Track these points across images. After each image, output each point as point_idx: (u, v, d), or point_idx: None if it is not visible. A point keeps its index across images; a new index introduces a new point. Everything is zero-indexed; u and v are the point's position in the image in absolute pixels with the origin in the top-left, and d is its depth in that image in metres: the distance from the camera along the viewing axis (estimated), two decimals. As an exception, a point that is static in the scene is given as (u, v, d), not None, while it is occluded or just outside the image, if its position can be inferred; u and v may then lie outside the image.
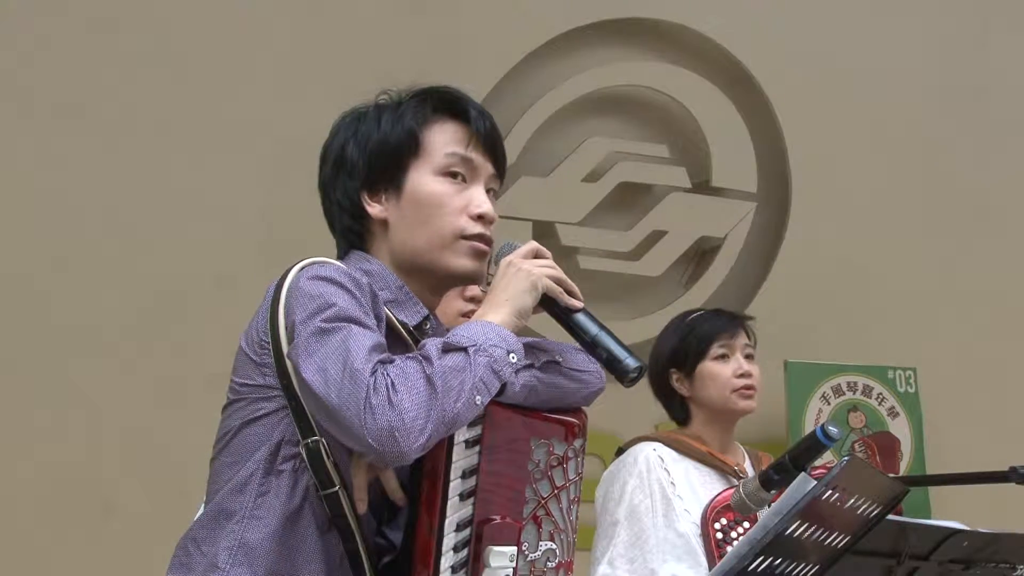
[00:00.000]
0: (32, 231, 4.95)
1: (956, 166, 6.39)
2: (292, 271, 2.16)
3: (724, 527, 3.54)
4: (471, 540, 2.09)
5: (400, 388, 1.94)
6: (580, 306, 2.27)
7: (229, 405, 2.22)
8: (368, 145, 2.32)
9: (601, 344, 2.24)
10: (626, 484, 3.65)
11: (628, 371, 2.21)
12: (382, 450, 1.93)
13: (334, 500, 2.07)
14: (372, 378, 1.94)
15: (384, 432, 1.91)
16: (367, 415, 1.92)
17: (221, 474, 2.17)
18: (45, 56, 5.00)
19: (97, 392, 4.88)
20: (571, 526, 2.30)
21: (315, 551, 2.10)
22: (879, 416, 6.00)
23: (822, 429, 3.13)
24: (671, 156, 6.02)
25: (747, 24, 6.14)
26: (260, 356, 2.15)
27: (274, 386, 2.12)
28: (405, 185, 2.29)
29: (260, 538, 2.08)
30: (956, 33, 6.51)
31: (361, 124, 2.35)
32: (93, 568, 4.68)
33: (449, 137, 2.32)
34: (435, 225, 2.27)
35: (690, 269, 6.10)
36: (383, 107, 2.36)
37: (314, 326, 2.03)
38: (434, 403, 1.95)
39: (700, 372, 3.77)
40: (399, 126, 2.31)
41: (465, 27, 5.60)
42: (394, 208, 2.29)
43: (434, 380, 1.97)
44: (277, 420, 2.12)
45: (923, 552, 2.59)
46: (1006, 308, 6.29)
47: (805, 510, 2.20)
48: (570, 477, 2.28)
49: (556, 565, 2.25)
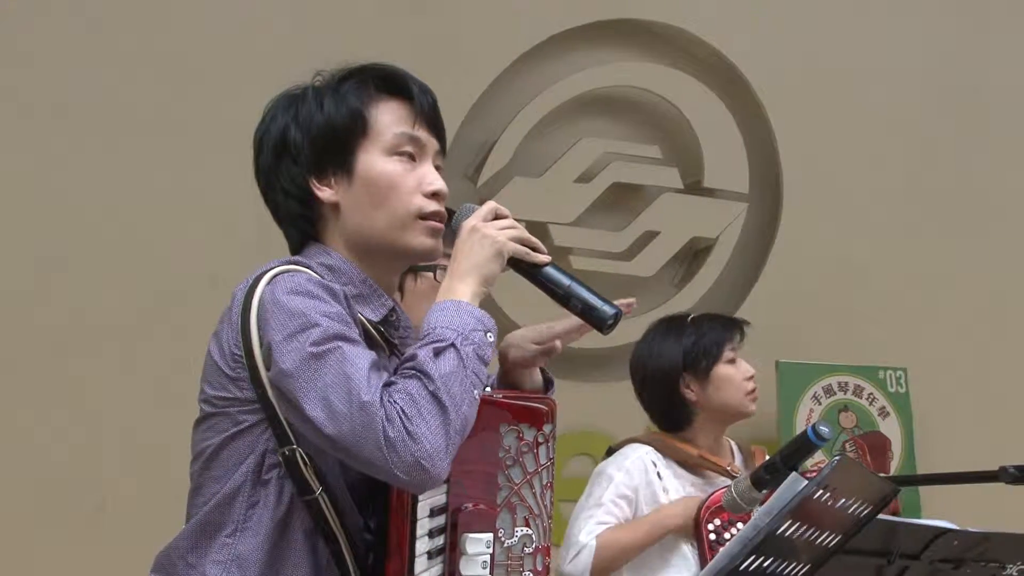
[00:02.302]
0: (30, 231, 4.92)
1: (948, 167, 6.41)
2: (261, 282, 2.11)
3: (718, 528, 3.56)
4: (446, 527, 2.09)
5: (413, 416, 1.94)
6: (547, 260, 2.23)
7: (207, 419, 2.18)
8: (312, 128, 2.26)
9: (575, 295, 2.21)
10: (614, 478, 3.70)
11: (606, 319, 2.18)
12: (412, 481, 1.95)
13: (315, 506, 2.07)
14: (382, 410, 1.94)
15: (412, 465, 1.92)
16: (389, 452, 1.92)
17: (206, 488, 2.16)
18: (44, 56, 4.99)
19: (94, 392, 4.87)
20: (546, 511, 2.29)
21: (302, 555, 2.09)
22: (870, 416, 6.03)
23: (813, 429, 3.15)
24: (663, 157, 6.02)
25: (739, 25, 6.15)
26: (234, 370, 2.12)
27: (252, 399, 2.09)
28: (356, 167, 2.24)
29: (251, 548, 2.08)
30: (949, 33, 6.53)
31: (301, 107, 2.29)
32: (88, 568, 4.65)
33: (395, 116, 2.28)
34: (391, 206, 2.23)
35: (682, 269, 6.11)
36: (322, 88, 2.31)
37: (304, 352, 2.00)
38: (447, 421, 1.96)
39: (715, 376, 3.79)
40: (343, 107, 2.26)
41: (458, 28, 5.58)
42: (345, 191, 2.25)
43: (440, 397, 1.97)
44: (261, 431, 2.10)
45: (913, 551, 2.60)
46: (996, 309, 6.32)
47: (796, 510, 2.21)
48: (542, 463, 2.28)
49: (533, 550, 2.24)
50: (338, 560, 2.08)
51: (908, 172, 6.35)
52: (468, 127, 5.60)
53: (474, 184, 5.70)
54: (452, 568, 2.09)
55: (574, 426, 5.21)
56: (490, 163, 5.71)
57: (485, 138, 5.74)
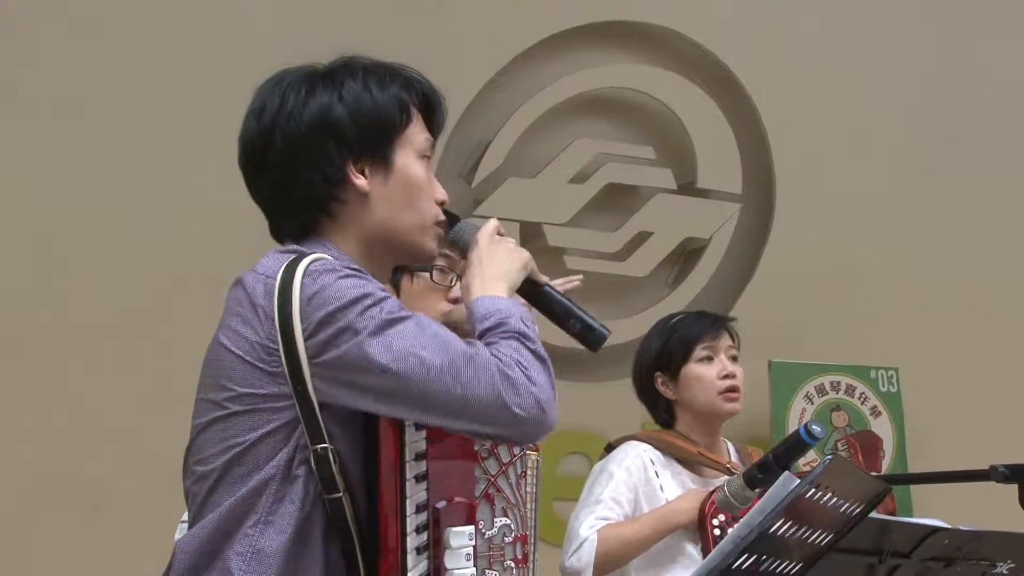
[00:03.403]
0: (30, 231, 4.92)
1: (941, 168, 6.44)
2: (298, 273, 2.05)
3: (722, 524, 3.53)
4: (429, 523, 2.09)
5: (528, 364, 2.03)
6: (548, 280, 2.36)
7: (234, 416, 2.10)
8: (360, 110, 2.20)
9: (574, 315, 2.32)
10: (614, 475, 3.69)
11: (603, 338, 2.31)
12: (530, 419, 2.01)
13: (337, 505, 2.05)
14: (494, 358, 2.01)
15: (533, 406, 1.99)
16: (509, 391, 1.99)
17: (231, 485, 2.09)
18: (44, 56, 4.99)
19: (93, 392, 4.87)
20: (522, 500, 2.30)
21: (318, 554, 2.07)
22: (862, 415, 6.05)
23: (805, 428, 3.20)
24: (657, 158, 6.04)
25: (733, 27, 6.18)
26: (270, 364, 2.06)
27: (287, 394, 2.05)
28: (395, 162, 2.22)
29: (274, 546, 2.04)
30: (943, 35, 6.56)
31: (344, 87, 2.21)
32: (85, 567, 4.65)
33: (420, 120, 2.29)
34: (419, 208, 2.24)
35: (676, 270, 6.14)
36: (366, 70, 2.25)
37: (378, 318, 2.01)
38: (550, 375, 2.05)
39: (685, 375, 3.79)
40: (392, 97, 2.23)
41: (453, 29, 5.59)
42: (380, 184, 2.22)
43: (541, 354, 2.07)
44: (294, 426, 2.05)
45: (905, 550, 2.62)
46: (988, 309, 6.35)
47: (789, 508, 2.23)
48: (515, 452, 2.29)
49: (513, 539, 2.25)
50: (349, 560, 2.07)
51: (901, 174, 6.38)
52: (463, 128, 5.61)
53: (469, 184, 5.72)
54: (438, 564, 2.10)
55: (568, 425, 5.20)
56: (484, 163, 5.73)
57: (480, 139, 5.76)
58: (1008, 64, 6.64)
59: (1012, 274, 6.44)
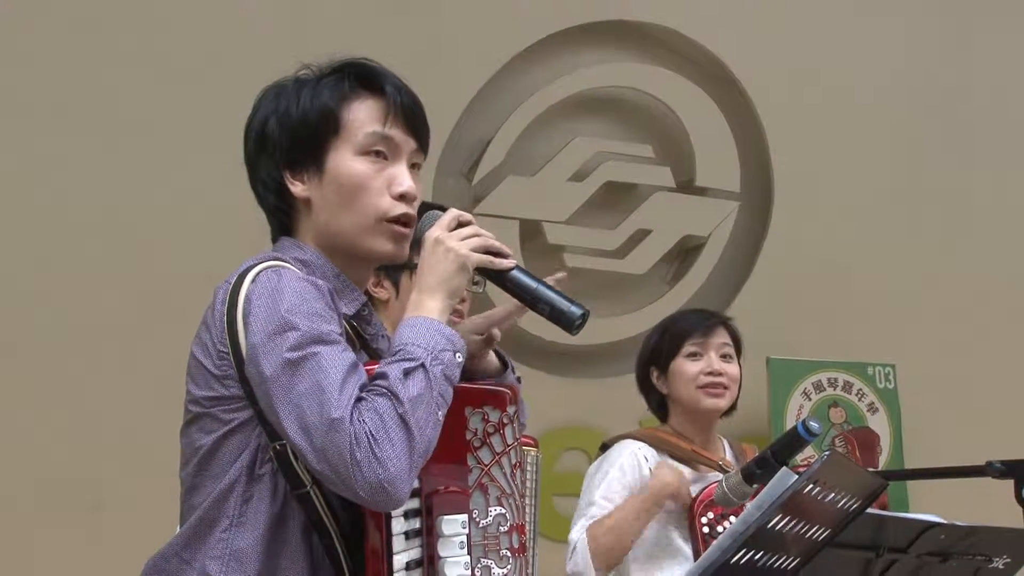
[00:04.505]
0: (30, 231, 4.93)
1: (937, 167, 6.45)
2: (246, 280, 2.11)
3: (711, 521, 3.57)
4: (421, 512, 2.11)
5: (381, 439, 1.95)
6: (512, 265, 2.22)
7: (196, 420, 2.16)
8: (288, 122, 2.23)
9: (542, 299, 2.21)
10: (608, 474, 3.72)
11: (573, 320, 2.18)
12: (374, 501, 1.97)
13: (306, 499, 2.07)
14: (352, 427, 1.95)
15: (375, 487, 1.94)
16: (354, 471, 1.94)
17: (201, 488, 2.15)
18: (44, 56, 5.00)
19: (93, 391, 4.88)
20: (517, 490, 2.27)
21: (300, 550, 2.10)
22: (859, 412, 6.07)
23: (803, 424, 3.20)
24: (655, 156, 6.06)
25: (731, 26, 6.19)
26: (220, 368, 2.11)
27: (240, 396, 2.10)
28: (327, 165, 2.21)
29: (249, 543, 2.08)
30: (938, 34, 6.58)
31: (281, 99, 2.26)
32: (85, 566, 4.67)
33: (368, 115, 2.24)
34: (358, 207, 2.21)
35: (674, 267, 6.15)
36: (303, 82, 2.27)
37: (281, 358, 2.01)
38: (412, 445, 1.98)
39: (672, 369, 3.82)
40: (317, 104, 2.22)
41: (453, 28, 5.61)
42: (316, 188, 2.22)
43: (408, 420, 1.98)
44: (252, 427, 2.10)
45: (902, 545, 2.64)
46: (983, 306, 6.36)
47: (786, 504, 2.24)
48: (508, 442, 2.27)
49: (508, 528, 2.24)
50: (330, 554, 2.09)
51: (897, 172, 6.40)
52: (463, 126, 5.64)
53: (469, 182, 5.74)
54: (431, 551, 2.11)
55: (566, 421, 5.17)
56: (484, 162, 5.75)
57: (480, 137, 5.78)
58: (1001, 63, 6.65)
59: (1008, 271, 6.45)
